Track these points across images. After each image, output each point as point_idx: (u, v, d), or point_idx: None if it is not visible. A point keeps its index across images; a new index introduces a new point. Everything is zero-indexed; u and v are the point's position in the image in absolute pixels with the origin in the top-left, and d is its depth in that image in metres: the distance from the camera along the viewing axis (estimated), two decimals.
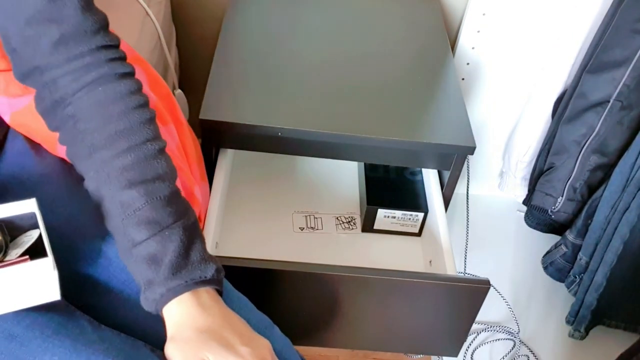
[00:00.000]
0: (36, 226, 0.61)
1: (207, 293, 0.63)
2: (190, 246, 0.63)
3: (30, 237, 0.61)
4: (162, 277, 0.61)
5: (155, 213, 0.61)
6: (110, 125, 0.62)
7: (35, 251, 0.60)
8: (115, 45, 0.65)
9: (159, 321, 0.67)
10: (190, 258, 0.62)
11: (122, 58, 0.66)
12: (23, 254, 0.59)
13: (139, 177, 0.62)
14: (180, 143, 0.91)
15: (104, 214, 0.63)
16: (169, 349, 0.60)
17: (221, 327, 0.61)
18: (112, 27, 0.86)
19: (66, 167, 0.75)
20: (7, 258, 0.59)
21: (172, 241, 0.61)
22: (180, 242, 0.62)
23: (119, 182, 0.61)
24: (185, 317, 0.61)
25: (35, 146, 0.75)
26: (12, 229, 0.62)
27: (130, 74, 0.66)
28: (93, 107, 0.62)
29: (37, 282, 0.57)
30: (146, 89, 0.86)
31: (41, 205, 0.69)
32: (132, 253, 0.61)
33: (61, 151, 0.75)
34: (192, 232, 0.64)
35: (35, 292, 0.57)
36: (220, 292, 0.65)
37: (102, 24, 0.64)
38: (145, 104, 0.65)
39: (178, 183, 0.66)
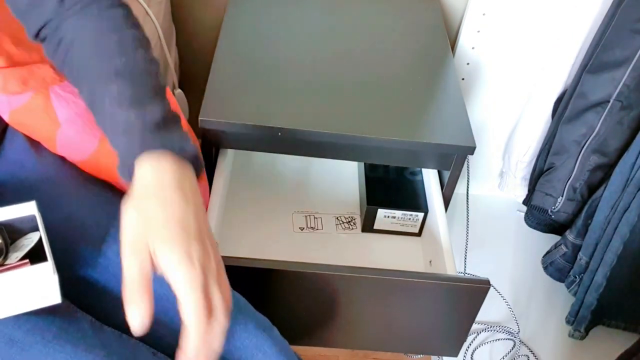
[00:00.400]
0: (36, 228, 0.61)
1: (187, 172, 0.59)
2: (172, 121, 0.62)
3: (30, 240, 0.61)
4: (137, 139, 0.59)
5: (137, 95, 0.61)
6: (95, 26, 0.64)
7: (35, 253, 0.59)
8: None
9: (160, 323, 0.67)
10: (171, 128, 0.61)
11: (124, 4, 0.68)
12: (23, 257, 0.59)
13: (124, 69, 0.62)
14: None
15: (94, 112, 0.63)
16: (127, 208, 0.56)
17: (190, 216, 0.56)
18: None
19: (66, 166, 0.75)
20: (7, 262, 0.59)
21: (153, 111, 0.60)
22: (161, 113, 0.61)
23: (106, 76, 0.62)
24: (155, 182, 0.57)
25: (34, 144, 0.75)
26: (12, 231, 0.62)
27: (123, 5, 0.68)
28: (82, 25, 0.64)
29: (38, 286, 0.57)
30: None
31: (40, 205, 0.69)
32: (114, 136, 0.61)
33: (61, 150, 0.75)
34: (173, 116, 0.63)
35: (36, 296, 0.57)
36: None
37: None
38: (136, 25, 0.67)
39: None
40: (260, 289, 0.91)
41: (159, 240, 0.53)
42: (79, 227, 0.69)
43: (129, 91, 0.61)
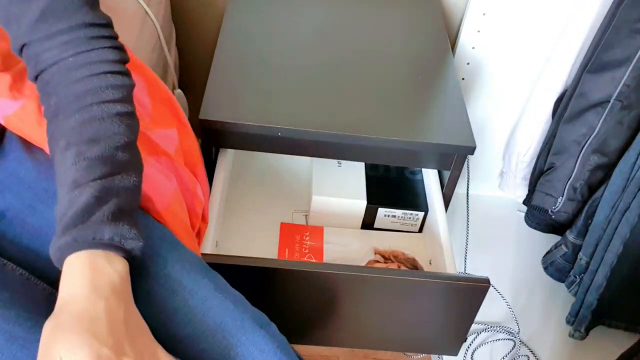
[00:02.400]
0: None
1: (105, 268, 0.57)
2: (102, 207, 0.59)
3: None
4: (57, 235, 0.58)
5: (77, 173, 0.59)
6: (68, 89, 0.63)
7: None
8: (100, 24, 0.65)
9: (161, 324, 0.67)
10: (93, 218, 0.58)
11: (106, 37, 0.66)
12: None
13: (76, 138, 0.61)
14: (183, 145, 0.91)
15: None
16: (46, 325, 0.55)
17: (101, 321, 0.54)
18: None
19: None
20: None
21: (79, 200, 0.58)
22: (86, 201, 0.58)
23: (60, 143, 0.62)
24: (71, 293, 0.56)
25: (30, 147, 0.75)
26: None
27: (109, 47, 0.65)
28: (60, 74, 0.63)
29: None
30: (143, 95, 0.86)
31: (39, 201, 0.69)
32: (55, 213, 0.60)
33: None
34: (113, 194, 0.60)
35: None
36: (130, 262, 0.60)
37: (87, 2, 0.64)
38: (115, 72, 0.65)
39: (127, 145, 0.63)
40: (260, 289, 0.91)
41: (63, 350, 0.52)
42: None
43: (70, 170, 0.60)
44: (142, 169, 0.66)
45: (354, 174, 1.17)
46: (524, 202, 1.45)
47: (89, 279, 0.56)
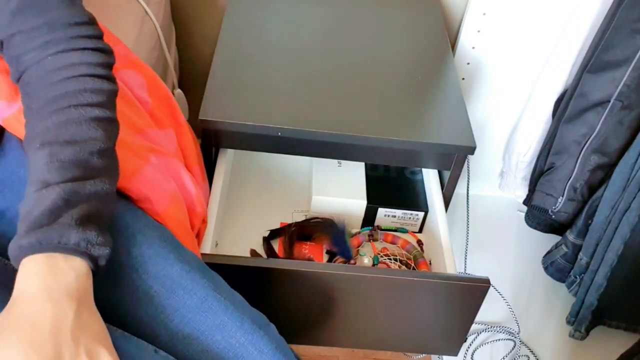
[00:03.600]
0: None
1: (64, 269, 0.56)
2: (69, 210, 0.57)
3: None
4: (20, 232, 0.56)
5: (48, 174, 0.58)
6: (46, 91, 0.62)
7: None
8: (82, 22, 0.65)
9: (160, 324, 0.67)
10: (59, 220, 0.56)
11: (89, 35, 0.65)
12: None
13: (50, 139, 0.60)
14: (180, 145, 0.91)
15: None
16: None
17: (46, 326, 0.53)
18: (112, 27, 0.87)
19: None
20: None
21: (46, 200, 0.57)
22: (53, 202, 0.56)
23: (34, 145, 0.60)
24: (22, 292, 0.54)
25: None
26: None
27: (92, 49, 0.64)
28: (39, 75, 0.63)
29: None
30: (143, 93, 0.86)
31: None
32: (19, 210, 0.59)
33: None
34: (83, 199, 0.58)
35: None
36: (95, 271, 0.59)
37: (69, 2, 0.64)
38: (96, 75, 0.64)
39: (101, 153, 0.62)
40: (260, 289, 0.91)
41: (6, 349, 0.51)
42: None
43: (41, 170, 0.58)
44: (117, 177, 0.64)
45: (354, 174, 1.17)
46: (524, 202, 1.45)
47: (42, 277, 0.55)
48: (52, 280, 0.55)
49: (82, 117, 0.61)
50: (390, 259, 1.08)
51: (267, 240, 1.08)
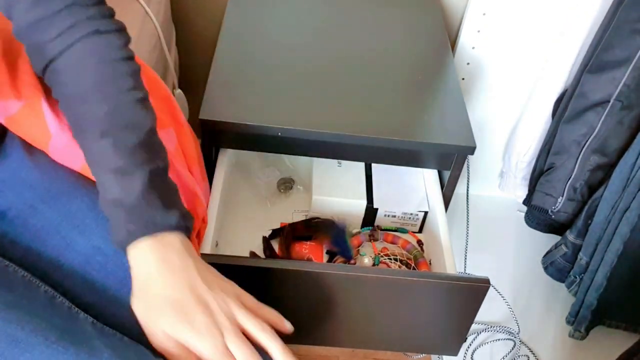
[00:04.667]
0: None
1: (171, 241, 0.63)
2: (156, 191, 0.63)
3: None
4: (123, 220, 0.62)
5: (121, 161, 0.62)
6: (85, 78, 0.64)
7: None
8: (97, 3, 0.66)
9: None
10: (153, 202, 0.63)
11: (105, 15, 0.67)
12: None
13: (109, 127, 0.63)
14: (180, 145, 0.91)
15: (89, 167, 0.66)
16: (135, 306, 0.62)
17: (182, 288, 0.61)
18: None
19: (66, 167, 0.75)
20: None
21: (134, 185, 0.62)
22: (142, 186, 0.62)
23: (91, 134, 0.64)
24: (146, 269, 0.62)
25: (31, 148, 0.75)
26: None
27: (113, 31, 0.67)
28: (72, 62, 0.64)
29: None
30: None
31: (41, 201, 0.68)
32: (103, 200, 0.63)
33: (54, 158, 0.74)
34: (159, 178, 0.64)
35: None
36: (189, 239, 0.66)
37: None
38: (125, 58, 0.67)
39: (151, 130, 0.66)
40: (260, 289, 0.90)
41: (166, 326, 0.60)
42: (78, 225, 0.69)
43: (112, 157, 0.63)
44: (166, 150, 0.69)
45: (354, 174, 1.17)
46: (524, 202, 1.45)
47: (159, 255, 0.62)
48: (167, 253, 0.62)
49: (129, 101, 0.65)
50: (390, 259, 1.08)
51: (266, 240, 1.08)
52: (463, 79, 1.35)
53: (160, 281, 0.61)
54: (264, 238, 1.09)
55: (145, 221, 0.62)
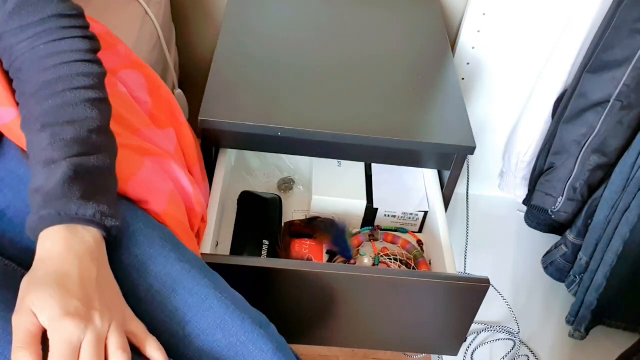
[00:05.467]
0: None
1: (84, 235, 0.61)
2: (79, 183, 0.61)
3: None
4: (37, 205, 0.60)
5: (52, 153, 0.62)
6: (40, 76, 0.66)
7: None
8: (71, 15, 0.69)
9: (161, 323, 0.67)
10: (73, 192, 0.61)
11: (76, 25, 0.69)
12: None
13: (50, 120, 0.64)
14: (180, 145, 0.91)
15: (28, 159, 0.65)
16: (23, 282, 0.58)
17: (74, 275, 0.58)
18: (112, 27, 0.87)
19: None
20: None
21: (56, 174, 0.61)
22: (63, 175, 0.61)
23: (34, 126, 0.64)
24: (48, 253, 0.59)
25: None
26: None
27: (80, 37, 0.69)
28: (32, 61, 0.67)
29: None
30: (143, 93, 0.86)
31: None
32: (29, 190, 0.62)
33: None
34: (86, 172, 0.63)
35: None
36: (108, 241, 0.63)
37: None
38: (86, 60, 0.68)
39: (101, 131, 0.66)
40: (260, 289, 0.91)
41: (36, 300, 0.55)
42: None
43: (45, 149, 0.62)
44: (116, 154, 0.68)
45: (354, 174, 1.17)
46: (524, 202, 1.45)
47: (65, 240, 0.59)
48: (74, 242, 0.59)
49: (78, 99, 0.65)
50: (390, 259, 1.08)
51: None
52: (463, 79, 1.35)
53: (57, 262, 0.58)
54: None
55: (58, 209, 0.59)
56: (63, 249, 0.59)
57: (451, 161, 1.04)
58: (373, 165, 1.20)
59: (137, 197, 0.74)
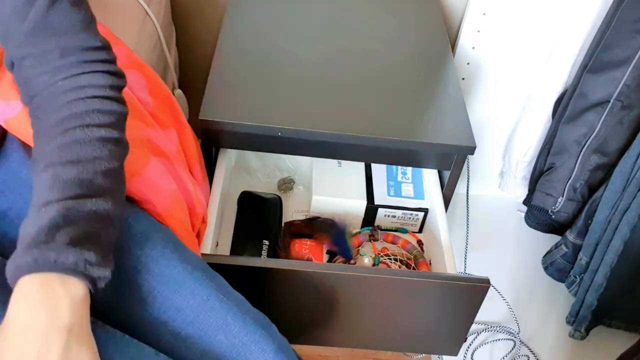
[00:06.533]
0: None
1: (59, 292, 0.54)
2: (68, 228, 0.55)
3: None
4: (17, 252, 0.55)
5: (49, 194, 0.57)
6: (55, 114, 0.61)
7: None
8: (95, 47, 0.64)
9: (163, 324, 0.67)
10: (57, 238, 0.54)
11: (99, 61, 0.64)
12: None
13: (55, 160, 0.59)
14: (182, 145, 0.91)
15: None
16: None
17: (35, 357, 0.52)
18: (112, 27, 0.86)
19: None
20: None
21: (43, 218, 0.55)
22: (50, 220, 0.55)
23: (39, 165, 0.59)
24: (13, 318, 0.53)
25: (30, 150, 0.75)
26: None
27: (102, 72, 0.64)
28: (49, 98, 0.62)
29: None
30: (144, 94, 0.86)
31: None
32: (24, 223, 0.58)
33: None
34: (83, 217, 0.57)
35: None
36: (92, 292, 0.57)
37: (81, 20, 0.62)
38: (105, 97, 0.63)
39: (107, 171, 0.60)
40: (260, 289, 0.91)
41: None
42: None
43: (44, 191, 0.57)
44: (123, 199, 0.63)
45: (354, 174, 1.17)
46: (524, 202, 1.45)
47: (34, 306, 0.53)
48: (43, 310, 0.53)
49: (88, 137, 0.60)
50: (390, 259, 1.08)
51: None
52: (463, 79, 1.35)
53: (19, 339, 0.52)
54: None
55: (35, 256, 0.53)
56: (29, 320, 0.53)
57: (451, 161, 1.04)
58: (373, 165, 1.20)
59: (141, 196, 0.74)
